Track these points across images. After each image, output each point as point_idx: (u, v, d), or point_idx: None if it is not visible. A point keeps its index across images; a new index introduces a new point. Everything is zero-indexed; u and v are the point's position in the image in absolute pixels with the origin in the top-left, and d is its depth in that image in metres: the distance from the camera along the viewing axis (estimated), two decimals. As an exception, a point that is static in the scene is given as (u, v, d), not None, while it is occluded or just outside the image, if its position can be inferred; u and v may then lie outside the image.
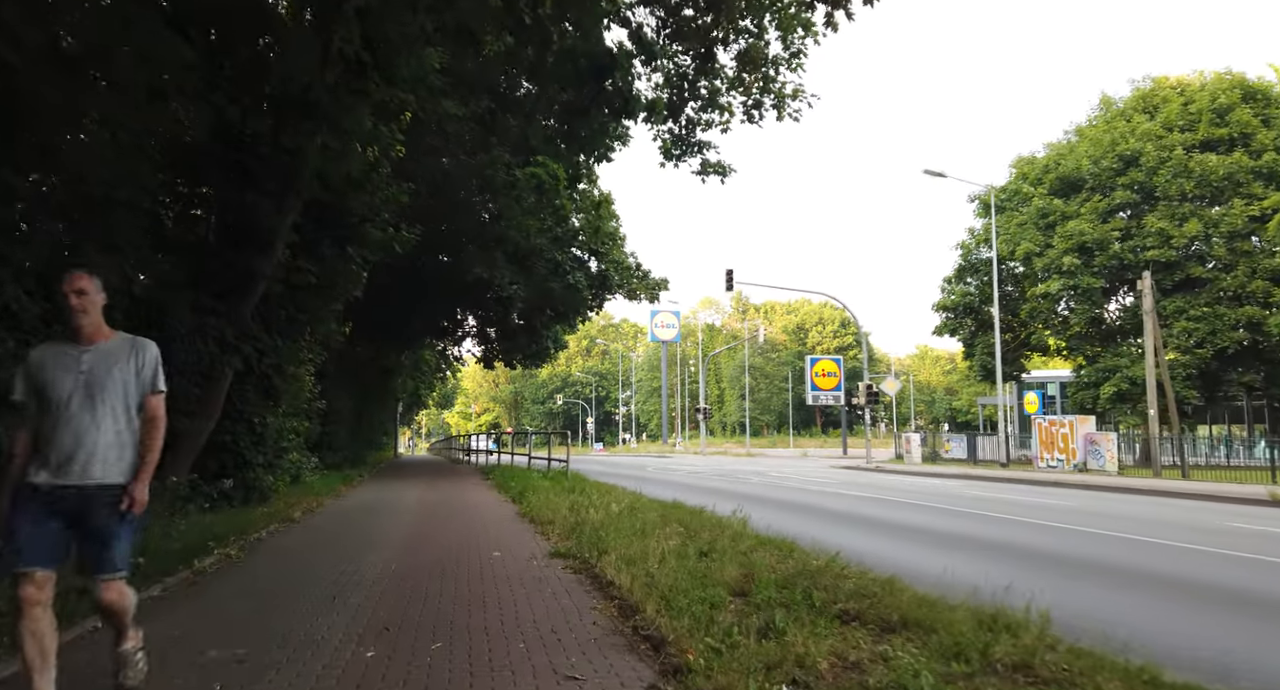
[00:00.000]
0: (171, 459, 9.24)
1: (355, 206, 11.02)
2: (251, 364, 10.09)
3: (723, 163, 12.15)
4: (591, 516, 8.99)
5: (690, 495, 13.01)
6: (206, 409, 9.64)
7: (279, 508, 10.27)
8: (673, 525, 8.08)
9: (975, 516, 11.42)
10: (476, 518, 10.49)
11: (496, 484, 16.21)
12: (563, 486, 13.02)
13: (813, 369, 43.89)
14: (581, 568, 6.70)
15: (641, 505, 9.85)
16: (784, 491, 15.99)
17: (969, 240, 32.83)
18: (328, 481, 15.18)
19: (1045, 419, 23.50)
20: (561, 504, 10.33)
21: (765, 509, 10.70)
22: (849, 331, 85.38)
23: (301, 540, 8.38)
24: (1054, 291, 27.60)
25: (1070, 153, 29.22)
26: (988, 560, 7.58)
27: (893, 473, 23.40)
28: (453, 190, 18.15)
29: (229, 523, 8.56)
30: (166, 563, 6.31)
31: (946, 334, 34.85)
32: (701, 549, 6.52)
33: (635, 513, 9.13)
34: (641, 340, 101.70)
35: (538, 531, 9.04)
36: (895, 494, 15.33)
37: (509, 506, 12.09)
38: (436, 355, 41.63)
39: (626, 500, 10.40)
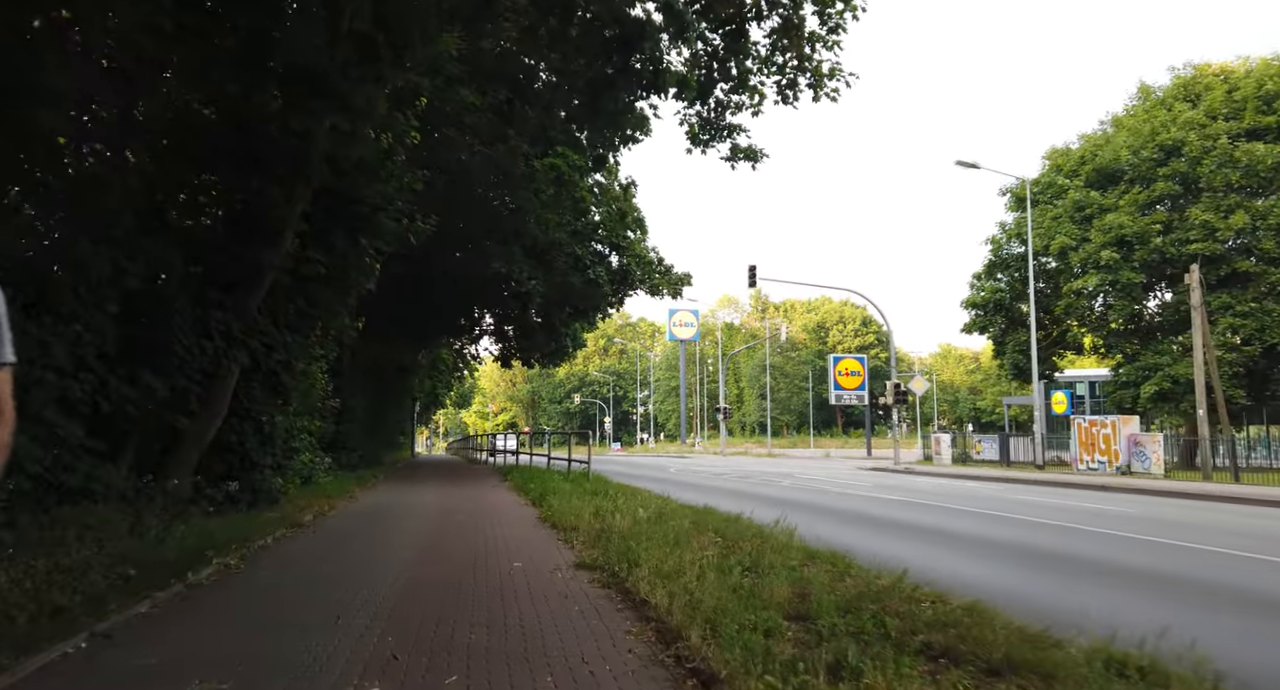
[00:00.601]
0: (173, 460, 8.75)
1: (367, 195, 10.48)
2: (259, 360, 9.58)
3: (754, 147, 11.46)
4: (618, 523, 8.38)
5: (720, 499, 12.35)
6: (211, 408, 9.14)
7: (288, 511, 9.75)
8: (708, 534, 7.44)
9: (1031, 524, 10.61)
10: (495, 522, 9.91)
11: (515, 485, 15.65)
12: (585, 489, 12.41)
13: (836, 368, 43.03)
14: (610, 582, 6.08)
15: (671, 511, 9.21)
16: (817, 495, 15.27)
17: (999, 235, 31.83)
18: (341, 483, 14.69)
19: (1085, 419, 22.57)
20: (585, 508, 9.72)
21: (802, 515, 10.01)
22: (870, 330, 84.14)
23: (308, 548, 7.83)
24: (1091, 287, 26.60)
25: (1107, 143, 28.18)
26: (1066, 577, 6.83)
27: (924, 474, 22.56)
28: (469, 182, 17.62)
29: (232, 528, 8.04)
30: (159, 574, 5.77)
31: (976, 332, 33.84)
32: (744, 563, 5.87)
33: (665, 519, 8.49)
34: (659, 339, 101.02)
35: (560, 539, 8.44)
36: (935, 498, 14.55)
37: (529, 510, 11.51)
38: (454, 354, 41.30)
39: (654, 505, 9.77)
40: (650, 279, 20.45)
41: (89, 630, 4.32)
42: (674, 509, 9.54)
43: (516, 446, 31.15)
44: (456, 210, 18.13)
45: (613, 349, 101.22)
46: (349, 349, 19.90)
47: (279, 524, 8.87)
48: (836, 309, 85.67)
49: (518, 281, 17.91)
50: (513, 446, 30.22)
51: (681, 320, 73.88)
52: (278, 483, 10.23)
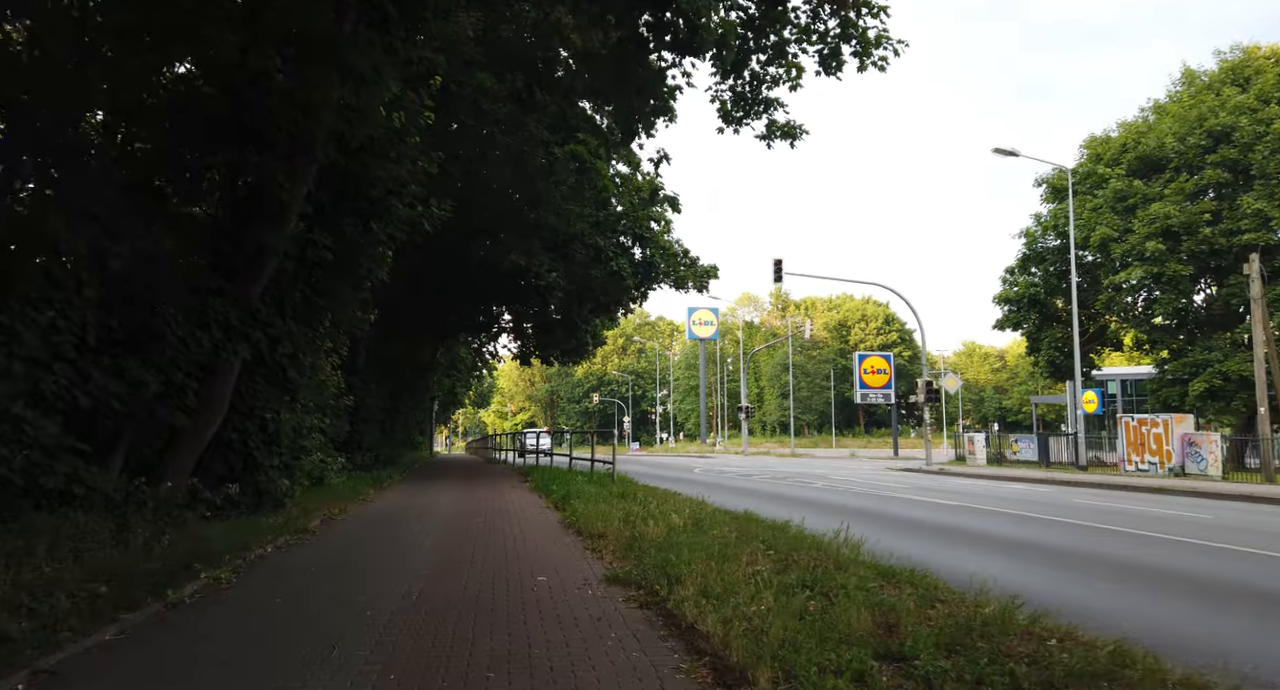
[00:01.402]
0: (168, 461, 8.07)
1: (379, 176, 9.77)
2: (262, 353, 8.90)
3: (793, 123, 10.58)
4: (650, 531, 7.59)
5: (754, 503, 11.52)
6: (210, 404, 8.46)
7: (293, 516, 9.06)
8: (754, 544, 6.62)
9: (1111, 534, 9.45)
10: (516, 528, 9.16)
11: (536, 487, 14.91)
12: (610, 492, 11.64)
13: (861, 366, 41.96)
14: (649, 601, 5.29)
15: (708, 517, 8.40)
16: (858, 498, 14.35)
17: (1034, 228, 30.64)
18: (354, 484, 14.03)
19: (1133, 418, 21.43)
20: (613, 513, 8.94)
21: (851, 521, 9.13)
22: (893, 328, 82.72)
23: (311, 557, 7.11)
24: (1135, 280, 25.39)
25: (1150, 131, 26.92)
26: (1189, 602, 5.86)
27: (961, 476, 21.54)
28: (486, 171, 16.92)
29: (230, 534, 7.35)
30: (135, 591, 5.07)
31: (1009, 328, 32.66)
32: (805, 581, 5.05)
33: (703, 527, 7.69)
34: (678, 338, 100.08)
35: (587, 547, 7.67)
36: (988, 502, 13.55)
37: (551, 514, 10.75)
38: (472, 353, 40.80)
39: (688, 510, 8.97)
40: (675, 272, 19.60)
41: (31, 666, 3.60)
42: (710, 514, 8.72)
43: (550, 446, 27.91)
44: (473, 201, 17.43)
45: (631, 348, 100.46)
46: (364, 346, 19.30)
47: (282, 530, 8.18)
48: (858, 306, 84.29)
49: (537, 274, 17.16)
50: (546, 445, 27.00)
51: (701, 319, 72.89)
52: (284, 485, 9.54)
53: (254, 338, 8.56)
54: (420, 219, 11.07)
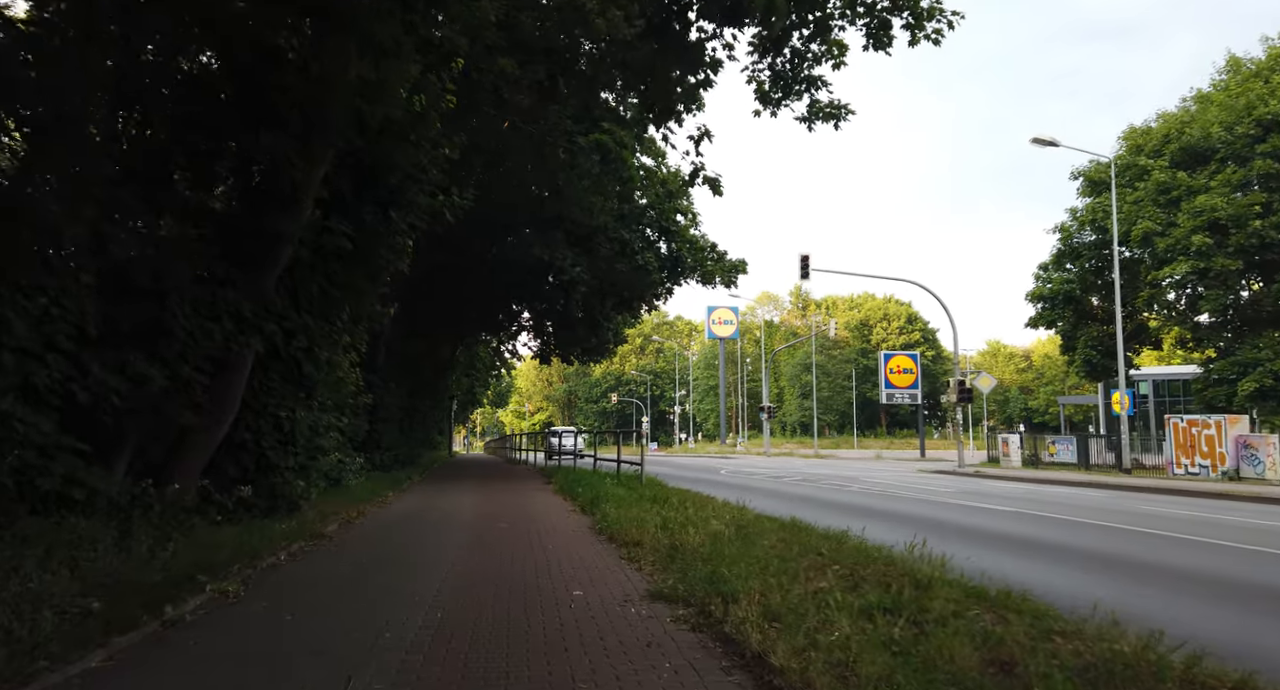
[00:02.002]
0: (176, 462, 7.58)
1: (399, 161, 9.25)
2: (276, 347, 8.40)
3: (837, 103, 9.90)
4: (691, 538, 6.99)
5: (795, 508, 10.87)
6: (221, 401, 7.97)
7: (309, 520, 8.55)
8: (811, 557, 6.00)
9: (1206, 547, 8.54)
10: (544, 533, 8.59)
11: (560, 489, 14.35)
12: (641, 494, 11.04)
13: (886, 365, 41.05)
14: (701, 622, 4.70)
15: (751, 523, 7.78)
16: (904, 503, 13.54)
17: (1069, 222, 29.68)
18: (373, 486, 13.55)
19: (1182, 419, 20.49)
20: (648, 519, 8.35)
21: (905, 529, 8.51)
22: (916, 327, 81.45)
23: (326, 567, 6.57)
24: (1179, 275, 24.39)
25: (1193, 121, 25.91)
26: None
27: (1000, 478, 20.69)
28: (508, 162, 16.40)
29: (241, 541, 6.84)
30: (131, 607, 4.55)
31: (1042, 326, 31.72)
32: (883, 603, 4.42)
33: (749, 535, 7.08)
34: (696, 338, 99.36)
35: (623, 556, 7.08)
36: (1045, 507, 12.64)
37: (580, 518, 10.18)
38: (491, 352, 40.43)
39: (728, 515, 8.34)
40: (702, 266, 18.96)
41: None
42: (753, 521, 8.10)
43: (582, 447, 24.77)
44: (494, 193, 16.93)
45: (650, 347, 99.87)
46: (383, 343, 18.87)
47: (297, 535, 7.67)
48: (880, 305, 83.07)
49: (560, 269, 16.60)
50: (577, 446, 24.07)
51: (721, 317, 72.09)
52: (299, 487, 9.05)
53: (267, 330, 8.05)
54: (441, 208, 10.54)
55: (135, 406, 6.95)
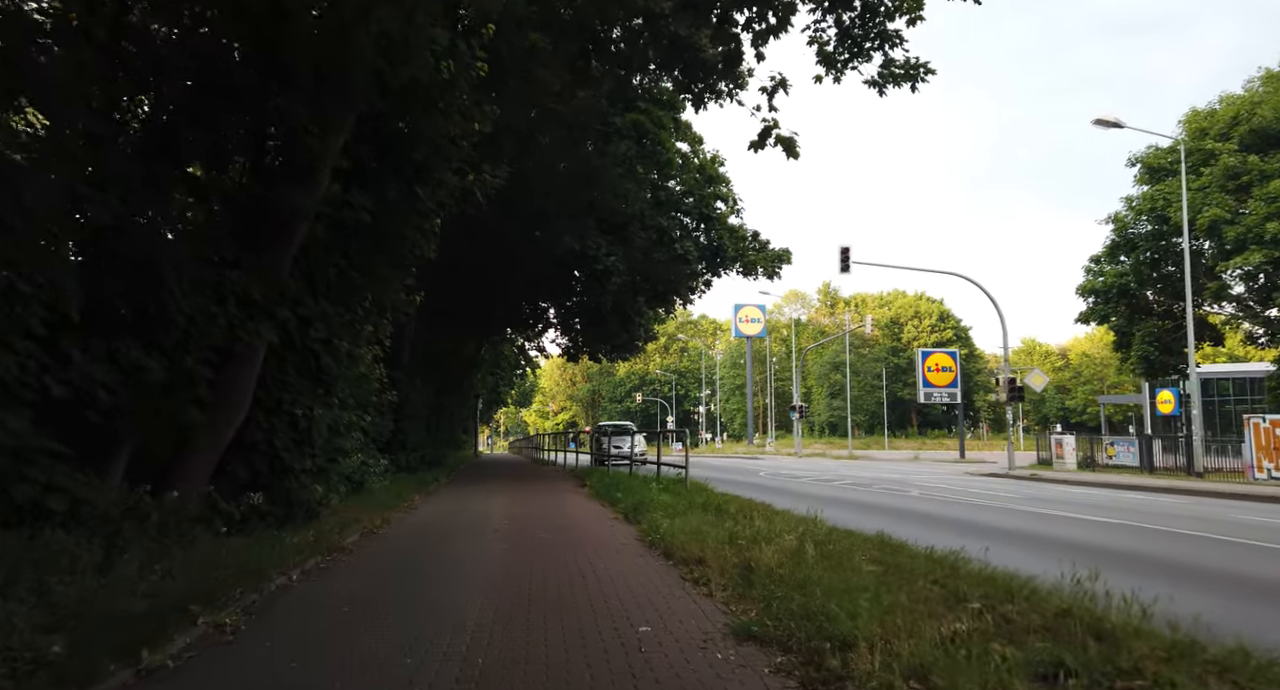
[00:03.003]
0: (177, 465, 6.72)
1: (426, 131, 8.33)
2: (291, 336, 7.52)
3: (915, 61, 8.77)
4: (766, 557, 5.97)
5: (862, 517, 9.82)
6: (229, 397, 7.11)
7: (327, 529, 7.66)
8: (922, 584, 4.95)
9: None
10: (587, 547, 7.62)
11: (596, 493, 13.41)
12: (690, 501, 10.03)
13: (924, 363, 39.62)
14: (812, 676, 3.69)
15: (830, 538, 6.73)
16: (971, 510, 12.14)
17: (1124, 212, 28.11)
18: (399, 488, 12.70)
19: (1264, 419, 19.04)
20: (706, 531, 7.35)
21: (983, 541, 7.37)
22: (949, 325, 79.57)
23: (343, 591, 5.65)
24: (1252, 265, 22.83)
25: (1263, 101, 24.29)
26: None
27: (1062, 482, 19.35)
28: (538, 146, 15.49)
29: (248, 557, 5.95)
30: (99, 650, 3.65)
31: (1094, 322, 30.18)
32: (1060, 659, 3.38)
33: (833, 553, 6.04)
34: (721, 337, 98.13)
35: (685, 577, 6.09)
36: (1133, 516, 11.20)
37: (623, 527, 9.21)
38: (516, 351, 39.73)
39: (799, 526, 7.29)
40: (744, 256, 17.88)
41: None
42: (828, 535, 7.04)
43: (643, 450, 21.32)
44: (525, 180, 16.04)
45: (674, 346, 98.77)
46: (408, 338, 18.07)
47: (312, 549, 6.77)
48: (911, 302, 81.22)
49: (595, 258, 15.64)
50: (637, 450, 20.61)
51: (748, 316, 70.83)
52: (317, 492, 8.18)
53: (280, 317, 7.18)
54: (472, 187, 9.62)
55: (125, 403, 6.11)
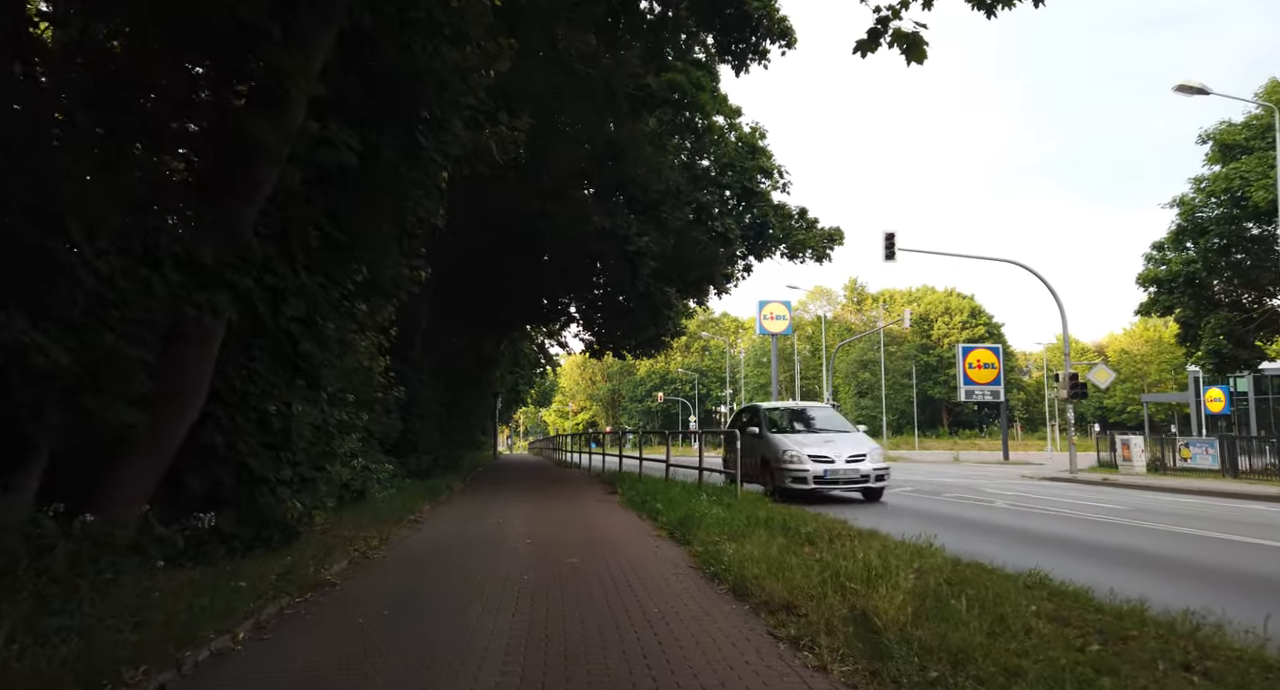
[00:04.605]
0: (108, 477, 5.17)
1: (429, 63, 6.73)
2: (259, 313, 5.96)
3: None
4: (886, 604, 4.30)
5: (954, 536, 8.08)
6: (175, 388, 5.56)
7: (307, 555, 6.08)
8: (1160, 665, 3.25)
9: None
10: (633, 580, 5.97)
11: (630, 502, 11.74)
12: (750, 516, 8.34)
13: (965, 360, 37.57)
14: None
15: (965, 578, 5.02)
16: (1080, 527, 9.87)
17: (1192, 195, 25.99)
18: (405, 497, 11.14)
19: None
20: (787, 559, 5.68)
21: (1140, 575, 5.65)
22: (980, 321, 77.19)
23: (300, 663, 4.01)
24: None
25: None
26: None
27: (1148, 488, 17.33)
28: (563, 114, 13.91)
29: (183, 602, 4.39)
30: None
31: (1156, 313, 28.09)
32: None
33: (983, 602, 4.34)
34: (743, 335, 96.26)
35: (773, 630, 4.45)
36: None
37: (669, 548, 7.56)
38: (536, 349, 38.36)
39: (909, 556, 5.58)
40: (790, 236, 16.13)
41: None
42: (952, 568, 5.35)
43: (878, 464, 12.34)
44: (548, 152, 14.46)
45: (695, 345, 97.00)
46: (420, 332, 16.57)
47: (282, 586, 5.19)
48: (941, 299, 78.85)
49: (626, 239, 14.00)
50: (869, 464, 12.10)
51: (773, 312, 68.61)
52: (295, 508, 6.60)
53: (242, 288, 5.61)
54: (487, 142, 8.01)
55: (30, 397, 4.57)
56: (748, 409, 15.27)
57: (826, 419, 14.24)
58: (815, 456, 11.93)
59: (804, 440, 12.54)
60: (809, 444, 12.31)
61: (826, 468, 11.85)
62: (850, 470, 11.89)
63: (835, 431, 13.14)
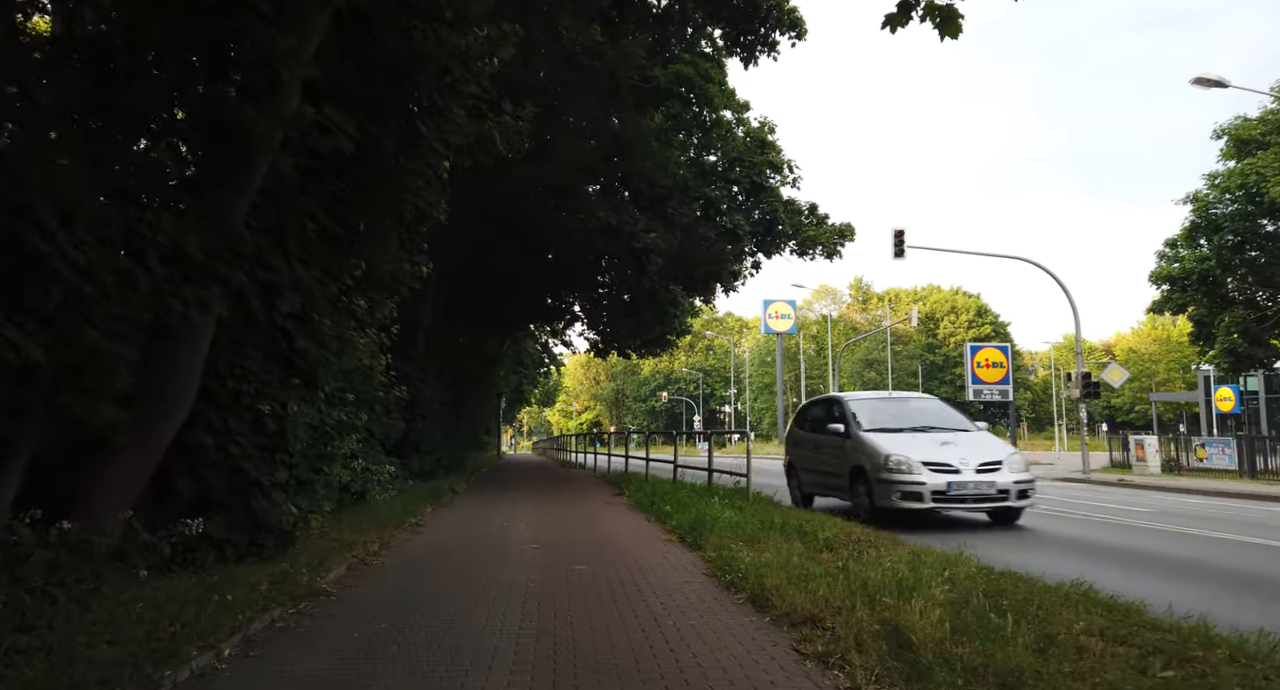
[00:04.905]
0: (89, 481, 4.89)
1: (429, 48, 6.44)
2: (252, 308, 5.67)
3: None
4: (920, 618, 3.99)
5: (987, 542, 7.76)
6: (164, 388, 5.28)
7: (302, 562, 5.80)
8: None
9: None
10: (644, 587, 5.67)
11: (637, 503, 11.45)
12: (761, 520, 8.04)
13: (973, 359, 37.14)
14: None
15: (1003, 589, 4.70)
16: (1119, 533, 9.29)
17: (1206, 190, 25.62)
18: (407, 499, 10.86)
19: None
20: (808, 566, 5.38)
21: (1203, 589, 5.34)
22: (986, 321, 76.74)
23: (293, 680, 3.72)
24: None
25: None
26: None
27: (1162, 489, 16.96)
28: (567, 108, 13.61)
29: (167, 615, 4.10)
30: None
31: (1169, 311, 27.73)
32: None
33: (1030, 617, 4.03)
34: (748, 335, 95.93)
35: (798, 645, 4.15)
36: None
37: (680, 553, 7.25)
38: (540, 348, 38.13)
39: (940, 566, 5.27)
40: (800, 232, 15.82)
41: None
42: (986, 577, 5.03)
43: (1011, 479, 9.18)
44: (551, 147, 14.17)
45: (700, 344, 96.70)
46: (422, 329, 16.29)
47: (274, 596, 4.90)
48: (947, 298, 78.40)
49: (633, 235, 13.69)
50: (1013, 475, 9.24)
51: (778, 311, 68.49)
52: (291, 513, 6.32)
53: (233, 282, 5.31)
54: (490, 130, 7.71)
55: (8, 395, 4.30)
56: (822, 401, 12.42)
57: (935, 414, 10.86)
58: (933, 465, 8.99)
59: (913, 442, 9.53)
60: (921, 448, 9.31)
61: (950, 479, 8.89)
62: (983, 484, 8.99)
63: (950, 431, 10.10)
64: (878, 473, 9.19)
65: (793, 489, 11.93)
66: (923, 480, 8.92)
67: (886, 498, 9.08)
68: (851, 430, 10.11)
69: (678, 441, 15.13)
